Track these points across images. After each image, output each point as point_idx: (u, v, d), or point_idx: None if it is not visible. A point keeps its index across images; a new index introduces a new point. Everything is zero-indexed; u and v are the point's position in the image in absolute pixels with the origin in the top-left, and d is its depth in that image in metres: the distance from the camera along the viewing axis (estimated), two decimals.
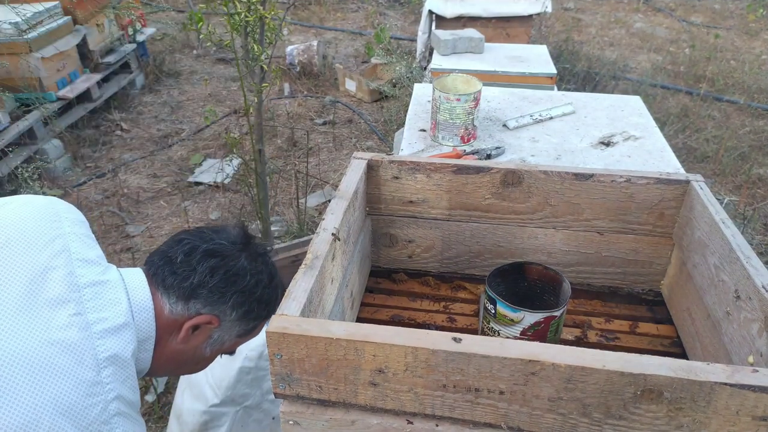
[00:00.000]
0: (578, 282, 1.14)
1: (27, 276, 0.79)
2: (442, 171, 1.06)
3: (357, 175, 1.02)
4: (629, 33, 6.01)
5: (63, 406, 0.72)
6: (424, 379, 0.66)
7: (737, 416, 0.62)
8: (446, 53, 2.62)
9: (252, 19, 2.17)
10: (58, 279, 0.80)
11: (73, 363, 0.75)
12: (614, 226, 1.07)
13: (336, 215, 0.90)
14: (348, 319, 0.99)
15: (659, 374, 0.61)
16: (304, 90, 4.61)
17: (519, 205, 1.07)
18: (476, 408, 0.67)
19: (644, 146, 1.67)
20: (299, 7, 6.50)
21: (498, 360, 0.63)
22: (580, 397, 0.64)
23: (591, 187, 1.03)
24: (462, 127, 1.67)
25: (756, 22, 6.27)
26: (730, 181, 3.54)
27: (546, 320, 0.90)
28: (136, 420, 0.80)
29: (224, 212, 3.19)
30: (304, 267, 0.78)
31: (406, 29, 5.98)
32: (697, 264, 0.97)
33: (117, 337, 0.80)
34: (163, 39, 5.47)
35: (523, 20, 3.58)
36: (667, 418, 0.63)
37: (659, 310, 1.09)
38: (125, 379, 0.80)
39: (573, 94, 2.03)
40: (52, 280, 0.80)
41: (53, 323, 0.76)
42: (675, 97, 4.55)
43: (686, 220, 1.01)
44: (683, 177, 1.02)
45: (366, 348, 0.65)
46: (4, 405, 0.69)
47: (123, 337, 0.81)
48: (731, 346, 0.84)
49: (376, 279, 1.17)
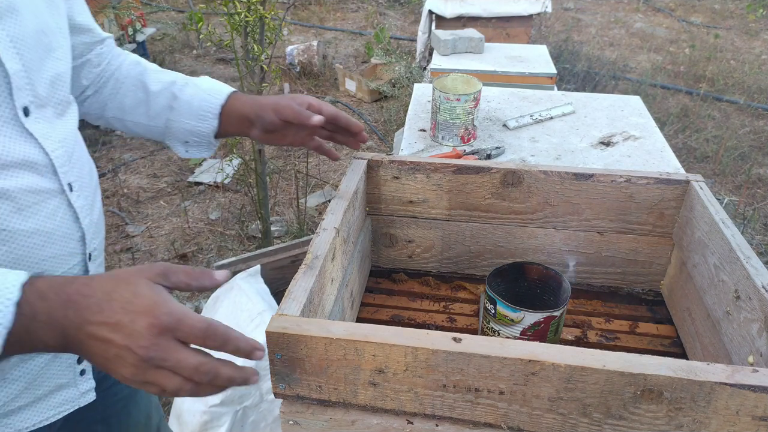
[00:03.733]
0: (578, 282, 1.14)
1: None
2: (442, 171, 1.06)
3: (357, 175, 1.02)
4: (629, 33, 6.01)
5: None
6: (424, 379, 0.66)
7: (737, 416, 0.62)
8: (446, 53, 2.62)
9: (252, 19, 2.17)
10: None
11: None
12: (614, 226, 1.07)
13: (336, 215, 0.90)
14: (348, 319, 0.99)
15: (659, 374, 0.61)
16: (304, 90, 4.61)
17: (519, 205, 1.07)
18: (476, 408, 0.67)
19: (644, 146, 1.67)
20: (299, 7, 6.50)
21: (498, 360, 0.63)
22: (580, 397, 0.64)
23: (591, 187, 1.03)
24: (462, 127, 1.67)
25: (756, 22, 6.28)
26: (730, 181, 3.54)
27: (546, 320, 0.90)
28: None
29: (224, 212, 3.19)
30: (304, 267, 0.78)
31: (406, 29, 5.98)
32: (697, 264, 0.97)
33: None
34: (163, 39, 5.47)
35: (523, 20, 3.58)
36: (667, 418, 0.63)
37: (659, 310, 1.09)
38: None
39: (573, 94, 2.03)
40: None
41: None
42: (675, 97, 4.55)
43: (686, 220, 1.01)
44: (683, 177, 1.02)
45: (366, 348, 0.65)
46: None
47: None
48: (731, 346, 0.84)
49: (376, 279, 1.17)
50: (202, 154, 1.05)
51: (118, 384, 0.96)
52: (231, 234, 3.02)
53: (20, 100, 0.72)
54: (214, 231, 3.04)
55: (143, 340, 0.56)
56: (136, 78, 1.01)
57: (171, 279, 0.62)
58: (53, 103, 0.79)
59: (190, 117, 1.00)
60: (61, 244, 0.79)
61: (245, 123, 0.99)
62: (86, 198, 0.84)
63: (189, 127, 1.00)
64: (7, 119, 0.71)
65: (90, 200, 0.85)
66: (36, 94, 0.75)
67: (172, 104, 1.00)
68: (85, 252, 0.83)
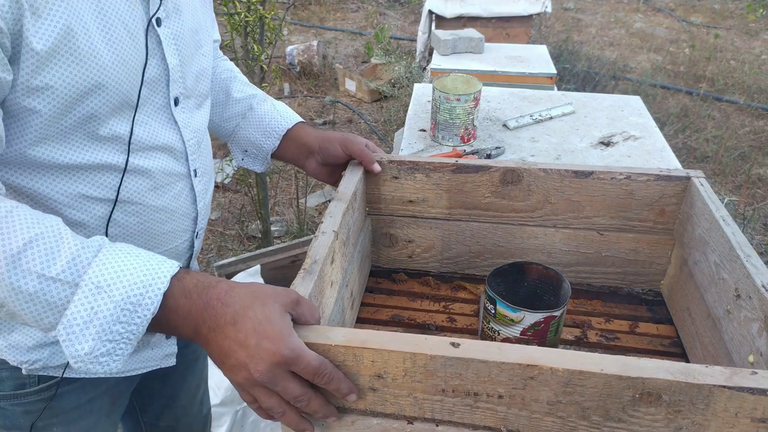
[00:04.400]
0: (578, 282, 1.13)
1: None
2: (441, 170, 1.06)
3: (356, 176, 1.02)
4: (629, 33, 6.00)
5: None
6: (423, 384, 0.66)
7: (736, 418, 0.62)
8: (446, 53, 2.62)
9: (252, 19, 2.17)
10: None
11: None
12: (614, 224, 1.07)
13: (335, 218, 0.90)
14: (348, 320, 0.99)
15: (657, 377, 0.61)
16: (304, 90, 4.61)
17: (519, 203, 1.07)
18: (476, 412, 0.67)
19: (644, 146, 1.67)
20: (299, 7, 6.50)
21: (496, 365, 0.63)
22: (579, 401, 0.63)
23: (591, 184, 1.03)
24: (462, 127, 1.67)
25: (756, 22, 6.27)
26: (730, 181, 3.54)
27: (546, 320, 0.90)
28: None
29: (224, 212, 3.19)
30: (302, 272, 0.77)
31: (406, 29, 5.98)
32: (698, 261, 0.97)
33: None
34: None
35: (523, 20, 3.58)
36: (666, 421, 0.63)
37: (659, 310, 1.09)
38: None
39: (573, 94, 2.03)
40: None
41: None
42: (675, 97, 4.55)
43: (687, 217, 1.01)
44: (683, 173, 1.02)
45: (364, 354, 0.65)
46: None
47: None
48: (731, 345, 0.84)
49: (376, 279, 1.17)
50: (255, 167, 1.13)
51: (184, 349, 1.05)
52: (231, 234, 3.02)
53: (174, 91, 0.83)
54: (214, 231, 3.04)
55: (262, 365, 0.61)
56: (223, 81, 1.10)
57: (297, 310, 0.66)
58: (195, 95, 0.89)
59: (257, 130, 1.08)
60: (179, 221, 0.90)
61: (304, 152, 1.07)
62: (205, 184, 0.95)
63: (253, 138, 1.09)
64: (161, 107, 0.82)
65: (206, 186, 0.96)
66: (185, 86, 0.85)
67: (246, 113, 1.09)
68: (195, 230, 0.94)
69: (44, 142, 0.71)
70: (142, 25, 0.75)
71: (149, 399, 1.15)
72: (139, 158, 0.80)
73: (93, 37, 0.69)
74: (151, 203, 0.84)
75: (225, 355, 0.63)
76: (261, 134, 1.07)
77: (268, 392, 0.63)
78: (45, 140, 0.71)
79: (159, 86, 0.80)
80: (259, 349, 0.61)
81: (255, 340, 0.61)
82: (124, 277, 0.62)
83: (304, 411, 0.66)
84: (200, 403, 1.27)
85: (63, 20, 0.66)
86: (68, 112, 0.70)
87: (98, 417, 0.97)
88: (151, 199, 0.83)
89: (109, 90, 0.72)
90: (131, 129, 0.77)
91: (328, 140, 1.03)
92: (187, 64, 0.85)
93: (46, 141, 0.71)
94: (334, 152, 1.02)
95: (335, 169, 1.06)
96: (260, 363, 0.61)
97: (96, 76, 0.70)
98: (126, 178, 0.79)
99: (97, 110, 0.72)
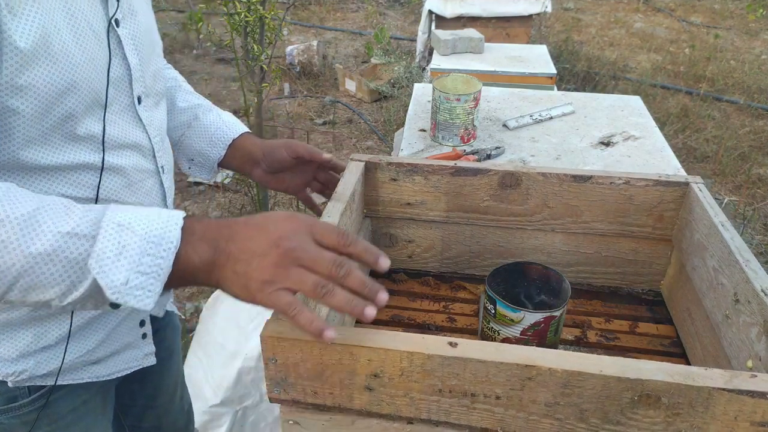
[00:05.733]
0: (578, 282, 1.13)
1: None
2: (439, 173, 1.05)
3: (354, 177, 1.02)
4: (629, 33, 6.00)
5: None
6: (419, 383, 0.65)
7: (735, 422, 0.62)
8: (446, 53, 2.61)
9: (252, 19, 2.17)
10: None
11: None
12: (613, 228, 1.06)
13: (332, 219, 0.89)
14: (348, 319, 0.99)
15: (656, 379, 0.60)
16: (304, 90, 4.61)
17: (517, 207, 1.07)
18: (472, 413, 0.67)
19: (644, 146, 1.67)
20: (299, 7, 6.50)
21: (494, 365, 0.62)
22: (577, 402, 0.63)
23: (589, 189, 1.03)
24: (462, 127, 1.66)
25: (756, 22, 6.27)
26: (730, 181, 3.53)
27: (546, 320, 0.90)
28: None
29: (224, 212, 3.19)
30: None
31: (406, 29, 5.98)
32: (697, 266, 0.96)
33: None
34: (162, 39, 5.47)
35: (523, 20, 3.58)
36: (665, 424, 0.63)
37: (659, 310, 1.09)
38: None
39: (573, 94, 2.03)
40: None
41: None
42: (675, 97, 4.55)
43: (685, 223, 1.01)
44: (682, 179, 1.02)
45: (361, 352, 0.64)
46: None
47: None
48: (730, 349, 0.84)
49: (375, 279, 1.16)
50: (202, 175, 1.13)
51: (157, 346, 1.06)
52: None
53: (137, 90, 0.85)
54: None
55: (288, 233, 0.64)
56: (168, 91, 1.10)
57: (315, 230, 0.67)
58: (154, 94, 0.91)
59: (202, 140, 1.09)
60: None
61: (249, 161, 1.08)
62: (170, 180, 0.97)
63: (199, 147, 1.09)
64: (126, 106, 0.84)
65: (171, 183, 0.98)
66: (146, 85, 0.87)
67: (192, 123, 1.09)
68: None
69: (30, 145, 0.72)
70: (103, 25, 0.77)
71: (130, 402, 1.16)
72: (113, 156, 0.82)
73: (64, 37, 0.70)
74: (128, 200, 0.86)
75: (249, 254, 0.64)
76: (207, 144, 1.09)
77: (304, 270, 0.63)
78: (31, 143, 0.72)
79: (123, 85, 0.82)
80: (278, 226, 0.65)
81: (273, 225, 0.65)
82: (140, 219, 0.64)
83: (352, 283, 0.65)
84: (180, 399, 1.28)
85: (38, 19, 0.67)
86: (48, 112, 0.71)
87: (95, 416, 0.98)
88: (126, 196, 0.86)
89: (81, 89, 0.74)
90: (103, 128, 0.79)
91: (272, 147, 1.06)
92: (146, 63, 0.87)
93: (31, 143, 0.72)
94: (279, 157, 1.04)
95: (282, 176, 1.08)
96: (285, 232, 0.64)
97: (70, 76, 0.71)
98: (102, 176, 0.81)
99: (73, 110, 0.74)
